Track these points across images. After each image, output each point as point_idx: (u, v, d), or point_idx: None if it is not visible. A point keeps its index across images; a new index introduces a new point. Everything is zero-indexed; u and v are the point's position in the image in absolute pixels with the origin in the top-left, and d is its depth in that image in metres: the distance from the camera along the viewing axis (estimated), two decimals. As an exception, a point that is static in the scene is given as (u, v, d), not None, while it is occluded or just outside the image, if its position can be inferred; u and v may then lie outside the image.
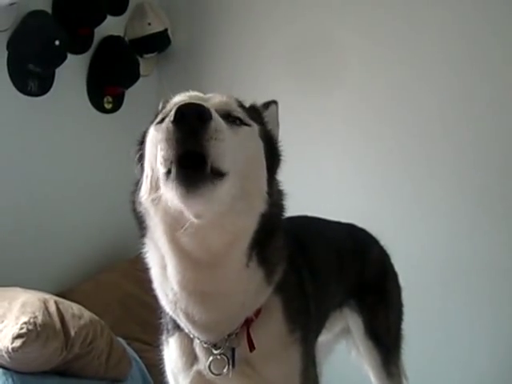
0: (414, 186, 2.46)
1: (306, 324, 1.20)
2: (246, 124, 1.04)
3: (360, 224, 1.70)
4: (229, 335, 1.10)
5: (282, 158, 1.14)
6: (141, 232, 1.08)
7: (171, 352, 1.19)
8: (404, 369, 1.69)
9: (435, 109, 2.41)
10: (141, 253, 1.11)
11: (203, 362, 1.13)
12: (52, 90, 2.58)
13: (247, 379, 1.12)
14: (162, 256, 1.05)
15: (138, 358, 2.28)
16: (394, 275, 1.71)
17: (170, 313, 1.11)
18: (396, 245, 1.71)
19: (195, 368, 1.15)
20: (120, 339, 2.17)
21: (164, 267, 1.05)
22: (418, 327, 2.03)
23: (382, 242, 1.70)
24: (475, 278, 2.31)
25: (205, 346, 1.12)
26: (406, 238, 2.37)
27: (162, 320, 1.22)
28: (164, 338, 1.23)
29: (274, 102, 1.15)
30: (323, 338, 1.66)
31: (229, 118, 1.01)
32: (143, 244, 1.10)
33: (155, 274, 1.09)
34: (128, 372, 2.10)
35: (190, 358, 1.15)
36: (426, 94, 2.43)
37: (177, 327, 1.15)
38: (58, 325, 1.78)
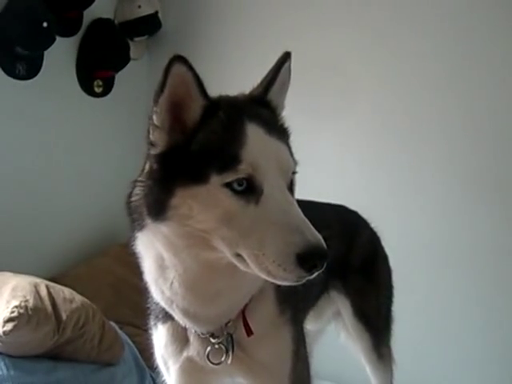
0: (407, 168, 2.46)
1: (296, 304, 1.20)
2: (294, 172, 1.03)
3: (353, 206, 1.70)
4: (226, 323, 1.10)
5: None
6: (135, 228, 1.06)
7: (160, 337, 1.19)
8: (392, 351, 1.70)
9: (428, 94, 2.41)
10: (132, 238, 1.10)
11: (196, 350, 1.13)
12: (41, 73, 2.55)
13: (240, 364, 1.13)
14: (160, 255, 1.03)
15: (130, 342, 2.28)
16: (384, 258, 1.71)
17: (165, 307, 1.11)
18: (389, 227, 1.72)
19: (185, 354, 1.15)
20: (112, 323, 2.17)
21: (161, 266, 1.04)
22: (409, 309, 2.05)
23: (374, 224, 1.71)
24: (467, 260, 2.32)
25: (202, 336, 1.11)
26: (398, 221, 2.39)
27: (150, 305, 1.22)
28: (153, 323, 1.22)
29: (288, 55, 1.10)
30: (314, 322, 1.67)
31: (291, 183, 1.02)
32: (135, 237, 1.07)
33: (149, 269, 1.08)
34: (120, 356, 2.11)
35: (181, 344, 1.16)
36: (420, 85, 2.43)
37: (169, 317, 1.14)
38: (49, 308, 1.78)
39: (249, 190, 0.93)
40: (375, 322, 1.62)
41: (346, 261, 1.58)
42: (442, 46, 2.37)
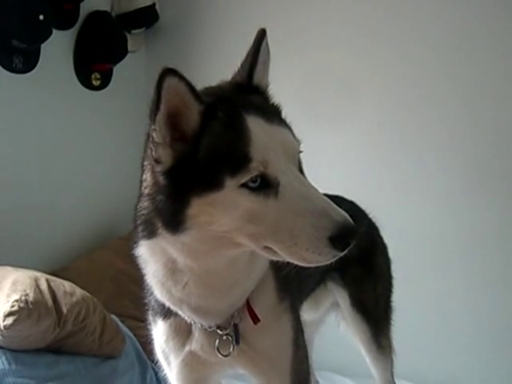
0: (408, 159, 2.46)
1: (293, 291, 1.20)
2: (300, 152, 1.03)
3: (352, 196, 1.69)
4: (232, 314, 1.11)
5: None
6: (141, 236, 1.05)
7: (161, 333, 1.19)
8: (392, 341, 1.70)
9: (429, 90, 2.41)
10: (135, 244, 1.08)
11: (201, 344, 1.13)
12: (38, 66, 2.54)
13: (242, 354, 1.13)
14: (171, 259, 1.02)
15: (131, 335, 2.29)
16: (383, 248, 1.70)
17: (172, 306, 1.10)
18: (390, 218, 1.71)
19: (187, 348, 1.15)
20: (113, 316, 2.18)
21: (172, 269, 1.03)
22: (409, 300, 2.06)
23: (372, 215, 1.70)
24: (468, 250, 2.33)
25: (209, 330, 1.11)
26: (399, 211, 2.39)
27: (148, 301, 1.21)
28: (152, 318, 1.22)
29: (263, 33, 1.09)
30: (312, 312, 1.67)
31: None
32: (139, 244, 1.06)
33: (155, 272, 1.07)
34: (122, 348, 2.12)
35: (183, 338, 1.16)
36: (421, 82, 2.43)
37: (171, 313, 1.14)
38: (49, 302, 1.78)
39: (265, 184, 0.92)
40: (374, 313, 1.62)
41: None
42: (443, 46, 2.37)
